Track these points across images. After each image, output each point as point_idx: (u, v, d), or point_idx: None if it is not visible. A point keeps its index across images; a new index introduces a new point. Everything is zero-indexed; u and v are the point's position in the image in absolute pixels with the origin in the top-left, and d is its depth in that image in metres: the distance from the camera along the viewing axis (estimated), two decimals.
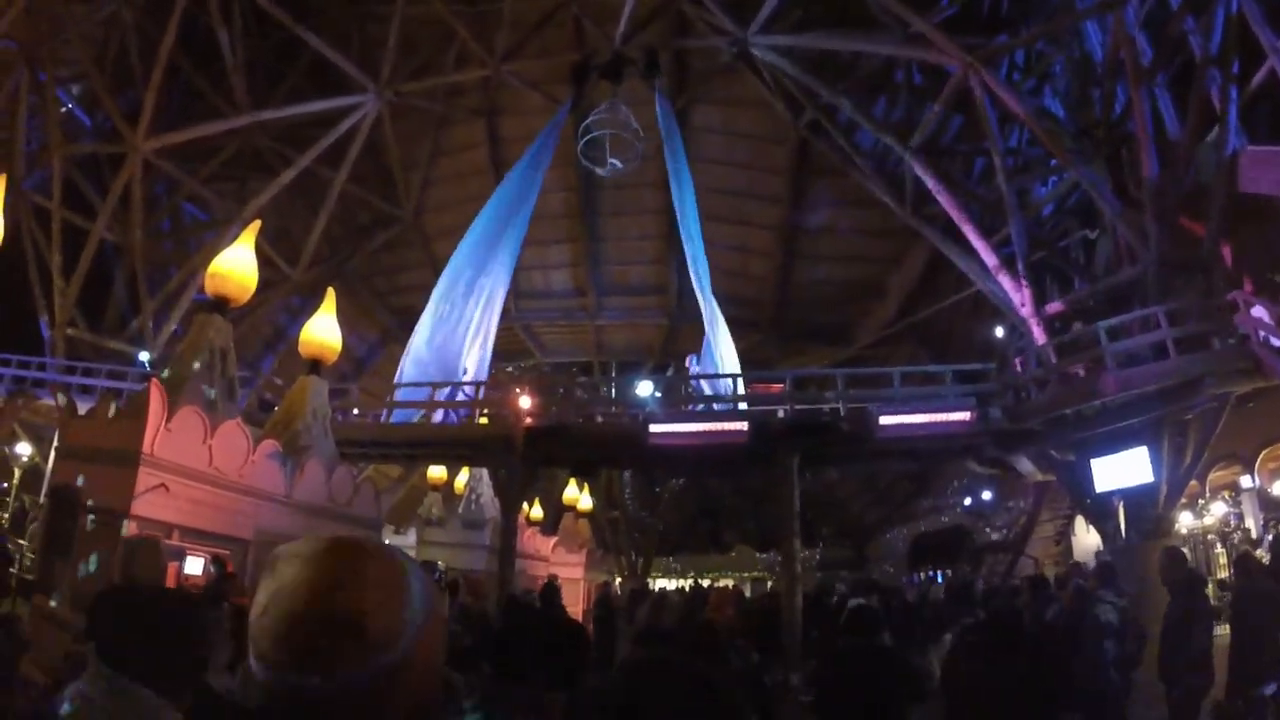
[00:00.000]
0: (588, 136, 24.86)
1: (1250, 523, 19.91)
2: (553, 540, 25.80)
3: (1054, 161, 20.95)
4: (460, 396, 22.94)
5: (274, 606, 1.16)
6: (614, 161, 24.98)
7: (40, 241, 27.53)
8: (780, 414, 20.47)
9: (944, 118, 22.92)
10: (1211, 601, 10.29)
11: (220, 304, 11.82)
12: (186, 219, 33.12)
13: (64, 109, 28.60)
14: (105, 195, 27.58)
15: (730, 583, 34.56)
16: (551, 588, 10.11)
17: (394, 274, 34.02)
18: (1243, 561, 9.22)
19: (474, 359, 25.25)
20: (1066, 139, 20.04)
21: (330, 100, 27.50)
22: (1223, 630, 8.55)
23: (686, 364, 25.20)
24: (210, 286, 11.85)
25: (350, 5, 28.47)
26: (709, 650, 5.20)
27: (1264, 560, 10.55)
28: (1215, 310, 16.34)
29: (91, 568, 9.20)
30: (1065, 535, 26.06)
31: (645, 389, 23.12)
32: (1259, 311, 15.71)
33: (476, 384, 23.83)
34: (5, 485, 25.97)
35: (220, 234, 26.24)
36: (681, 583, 40.12)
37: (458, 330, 24.80)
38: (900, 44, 22.02)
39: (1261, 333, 15.30)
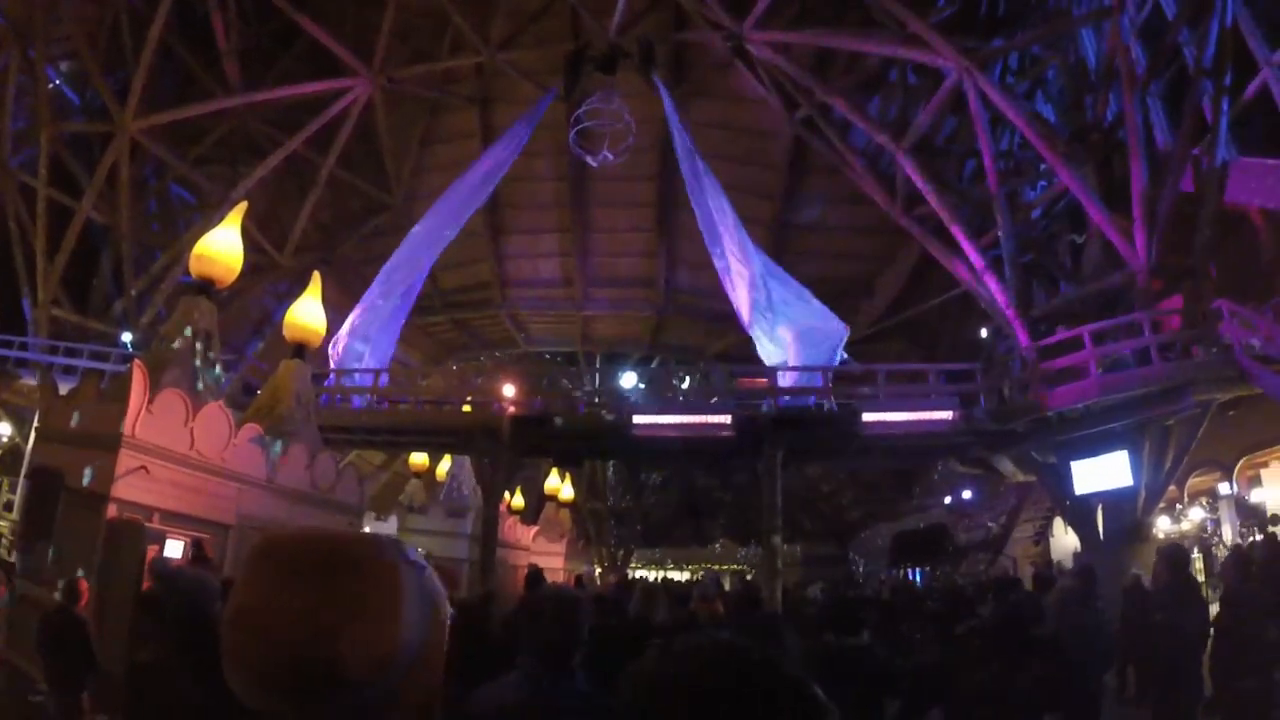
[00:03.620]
0: (579, 126, 24.80)
1: (1227, 529, 20.06)
2: (534, 530, 25.81)
3: (1044, 165, 21.01)
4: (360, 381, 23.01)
5: (244, 627, 1.03)
6: (606, 154, 24.93)
7: (25, 220, 27.34)
8: (764, 408, 20.52)
9: (937, 118, 22.94)
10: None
11: (205, 286, 11.75)
12: (174, 201, 32.93)
13: (52, 86, 28.33)
14: (92, 175, 27.39)
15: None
16: (536, 576, 10.05)
17: (382, 260, 33.61)
18: (1239, 561, 9.28)
19: (380, 346, 25.22)
20: (1058, 143, 20.09)
21: (322, 83, 27.35)
22: None
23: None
24: (195, 268, 11.77)
25: None
26: None
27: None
28: (1200, 318, 16.45)
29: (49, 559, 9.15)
30: (1044, 536, 26.24)
31: (630, 380, 23.13)
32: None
33: (376, 371, 23.75)
34: None
35: (208, 217, 26.07)
36: (660, 574, 40.30)
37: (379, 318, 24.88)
38: (896, 44, 22.02)
39: (1247, 341, 15.42)
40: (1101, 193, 19.24)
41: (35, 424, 11.89)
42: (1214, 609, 9.06)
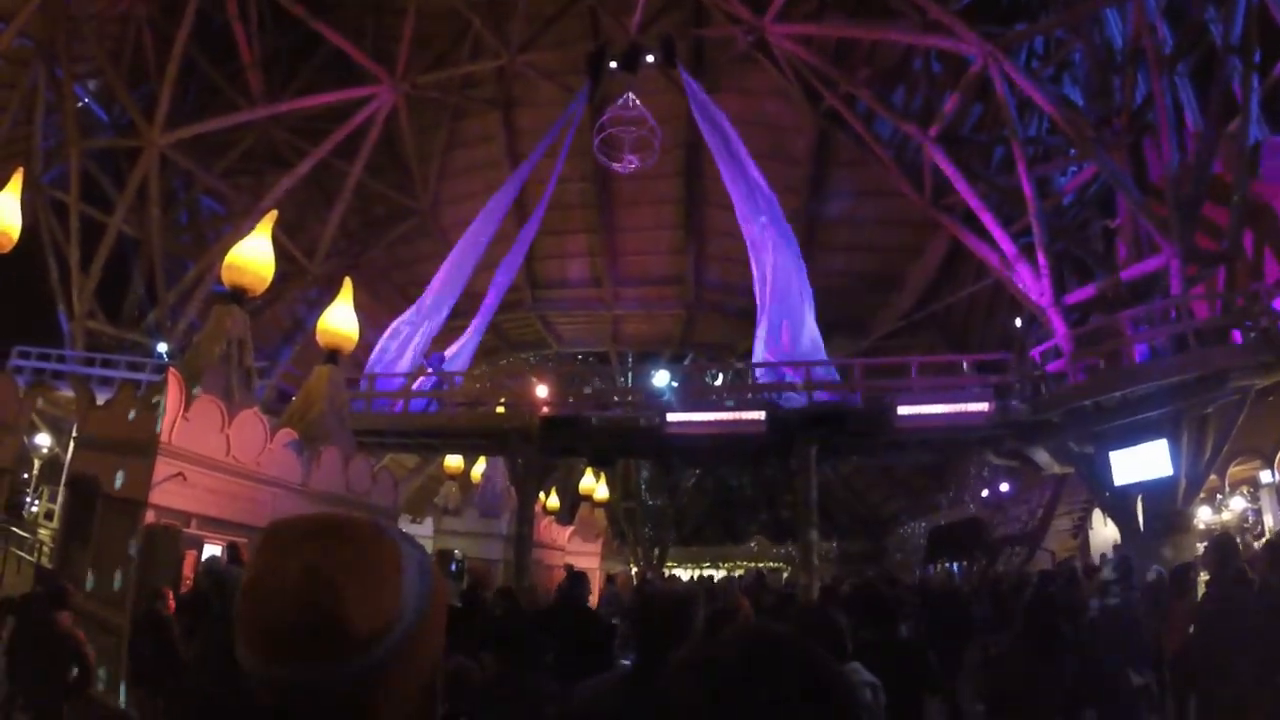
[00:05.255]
0: (603, 134, 24.90)
1: (1269, 519, 19.72)
2: (569, 530, 25.83)
3: (1074, 150, 20.78)
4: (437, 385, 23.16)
5: (256, 595, 1.08)
6: (631, 160, 25.02)
7: (58, 235, 27.70)
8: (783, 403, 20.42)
9: (963, 106, 22.76)
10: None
11: (238, 295, 11.85)
12: (204, 212, 33.30)
13: (80, 104, 28.69)
14: (122, 189, 27.74)
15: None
16: (576, 576, 10.03)
17: (410, 266, 34.02)
18: (1271, 552, 9.01)
19: (455, 349, 25.43)
20: (1087, 128, 19.87)
21: (346, 91, 27.57)
22: None
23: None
24: (227, 278, 11.88)
25: None
26: None
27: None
28: (1236, 302, 16.21)
29: (116, 585, 9.19)
30: (1082, 528, 25.88)
31: (662, 379, 23.09)
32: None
33: (449, 374, 23.96)
34: (26, 476, 26.20)
35: (237, 227, 26.28)
36: (696, 572, 40.26)
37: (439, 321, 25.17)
38: (918, 31, 21.88)
39: None
40: (1133, 176, 19.01)
41: (73, 433, 12.01)
42: None
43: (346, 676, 1.06)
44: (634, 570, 35.59)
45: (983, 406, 18.86)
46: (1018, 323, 24.83)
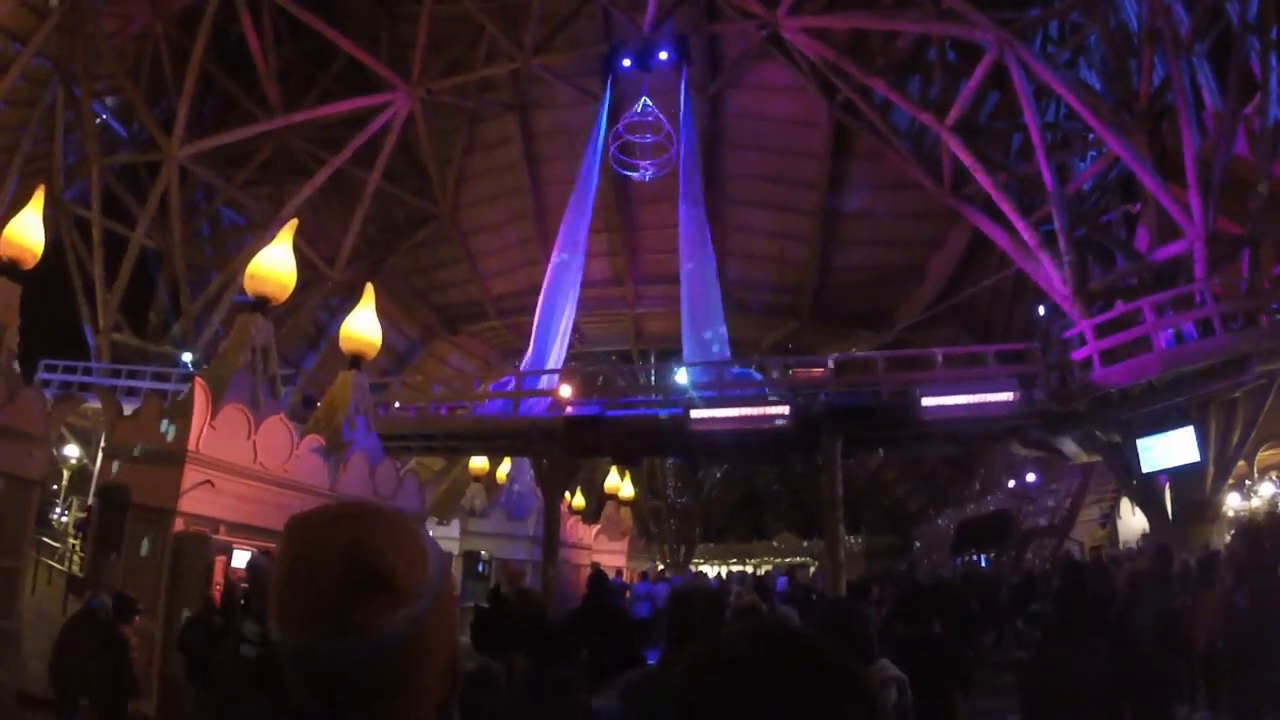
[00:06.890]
0: (620, 142, 24.97)
1: None
2: (595, 529, 25.86)
3: (1093, 136, 20.60)
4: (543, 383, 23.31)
5: (302, 570, 1.12)
6: (648, 168, 25.15)
7: (82, 251, 27.98)
8: (822, 398, 20.35)
9: (979, 94, 22.61)
10: None
11: (260, 303, 11.93)
12: (225, 223, 33.61)
13: (99, 120, 28.94)
14: (143, 203, 27.97)
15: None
16: (599, 576, 10.05)
17: (431, 270, 34.18)
18: None
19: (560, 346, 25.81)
20: (1105, 112, 19.68)
21: (362, 99, 27.69)
22: None
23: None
24: (250, 287, 11.96)
25: (379, 5, 28.64)
26: None
27: None
28: (1262, 285, 16.03)
29: (144, 550, 9.38)
30: (1111, 518, 25.71)
31: (685, 376, 23.07)
32: None
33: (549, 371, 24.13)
34: (55, 487, 26.52)
35: (258, 237, 26.47)
36: (722, 569, 40.27)
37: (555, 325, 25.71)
38: (932, 20, 21.75)
39: None
40: (1153, 161, 18.83)
41: (102, 444, 12.16)
42: None
43: (396, 639, 1.11)
44: (660, 568, 35.65)
45: (1008, 396, 18.73)
46: (1041, 311, 24.66)
